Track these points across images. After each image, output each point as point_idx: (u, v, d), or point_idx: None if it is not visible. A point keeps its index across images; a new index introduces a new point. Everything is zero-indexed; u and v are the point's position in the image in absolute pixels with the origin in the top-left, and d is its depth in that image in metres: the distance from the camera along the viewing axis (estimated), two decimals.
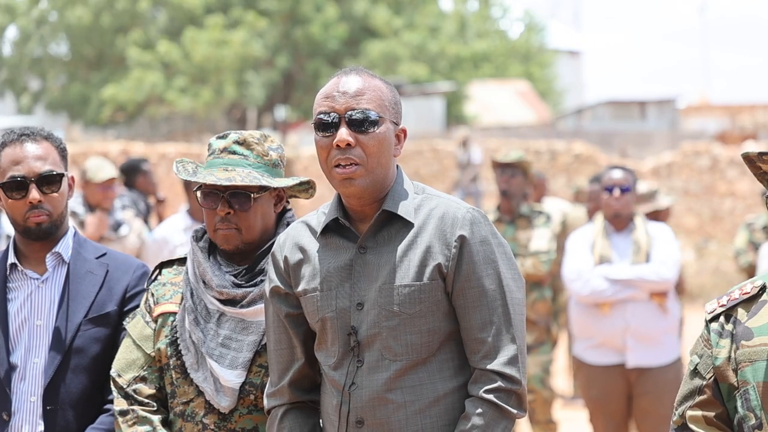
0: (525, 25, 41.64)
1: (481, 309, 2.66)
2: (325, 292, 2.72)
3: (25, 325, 3.31)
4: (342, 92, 2.70)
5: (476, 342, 2.66)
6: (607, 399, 6.04)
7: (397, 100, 2.76)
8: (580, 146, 18.54)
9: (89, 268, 3.37)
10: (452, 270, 2.66)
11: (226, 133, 3.15)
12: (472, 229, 2.67)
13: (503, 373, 2.64)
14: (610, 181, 6.09)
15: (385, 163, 2.69)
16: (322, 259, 2.74)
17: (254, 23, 28.89)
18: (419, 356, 2.66)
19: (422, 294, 2.65)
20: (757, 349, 2.48)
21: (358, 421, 2.67)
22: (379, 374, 2.66)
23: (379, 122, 2.68)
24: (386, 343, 2.65)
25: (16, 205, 3.30)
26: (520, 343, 2.68)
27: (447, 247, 2.66)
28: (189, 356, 3.06)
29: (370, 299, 2.67)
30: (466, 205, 2.72)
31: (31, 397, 3.27)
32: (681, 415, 2.58)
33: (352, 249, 2.72)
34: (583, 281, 5.98)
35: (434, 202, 2.73)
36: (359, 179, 2.67)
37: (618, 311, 5.93)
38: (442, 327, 2.67)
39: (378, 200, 2.72)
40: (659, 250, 5.97)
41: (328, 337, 2.72)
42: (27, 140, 3.31)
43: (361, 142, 2.67)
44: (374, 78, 2.74)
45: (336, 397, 2.70)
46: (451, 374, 2.68)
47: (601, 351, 6.02)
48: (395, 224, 2.71)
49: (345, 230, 2.75)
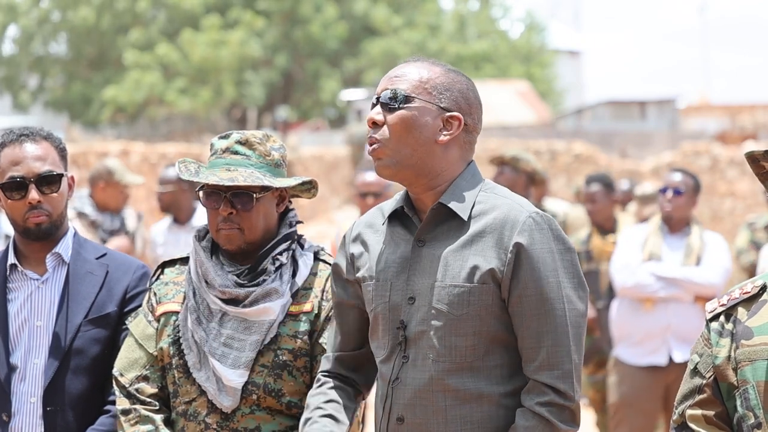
0: (525, 26, 41.63)
1: (538, 318, 2.57)
2: (381, 282, 2.67)
3: (25, 325, 3.31)
4: (387, 76, 2.69)
5: (531, 351, 2.57)
6: (638, 396, 6.01)
7: (457, 87, 2.66)
8: (580, 146, 18.53)
9: (89, 269, 3.36)
10: (508, 276, 2.57)
11: (228, 133, 3.15)
12: (532, 235, 2.57)
13: (556, 387, 2.56)
14: (665, 182, 6.09)
15: (415, 144, 2.61)
16: (383, 249, 2.70)
17: (252, 23, 28.89)
18: (463, 360, 2.58)
19: (471, 296, 2.58)
20: (756, 349, 2.48)
21: (399, 418, 2.63)
22: (422, 373, 2.60)
23: (407, 101, 2.61)
24: (431, 342, 2.59)
25: (15, 206, 3.29)
26: (576, 356, 2.59)
27: (503, 251, 2.57)
28: (191, 356, 3.06)
29: (421, 295, 2.61)
30: (530, 209, 2.61)
31: (31, 398, 3.26)
32: (681, 414, 2.59)
33: (411, 241, 2.66)
34: (628, 272, 5.96)
35: (498, 203, 2.63)
36: (384, 159, 2.62)
37: (660, 309, 5.91)
38: (490, 332, 2.59)
39: (433, 189, 2.65)
40: (711, 255, 5.95)
41: (379, 329, 2.69)
42: (26, 140, 3.30)
43: (386, 120, 2.63)
44: (432, 65, 2.68)
45: (382, 390, 2.67)
46: (499, 381, 2.61)
47: (640, 350, 5.98)
48: (455, 220, 2.63)
49: (408, 221, 2.69)
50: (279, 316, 3.05)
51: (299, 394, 3.06)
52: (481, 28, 36.56)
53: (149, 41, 29.37)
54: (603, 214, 7.28)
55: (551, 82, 41.41)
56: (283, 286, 3.07)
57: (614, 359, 6.22)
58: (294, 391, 3.05)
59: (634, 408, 6.05)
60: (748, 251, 8.10)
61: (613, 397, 6.19)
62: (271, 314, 3.04)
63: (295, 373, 3.05)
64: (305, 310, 3.08)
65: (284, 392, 3.04)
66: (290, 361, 3.04)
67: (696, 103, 39.52)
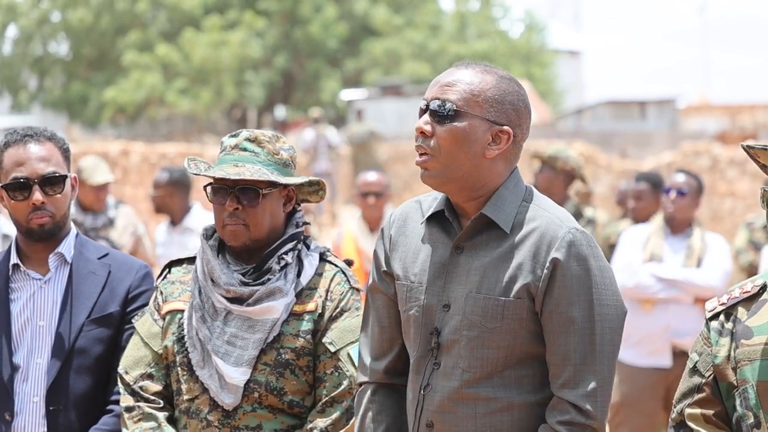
0: (525, 26, 41.59)
1: (566, 336, 2.55)
2: (416, 284, 2.65)
3: (28, 325, 3.31)
4: (438, 81, 2.62)
5: (557, 368, 2.56)
6: (639, 397, 6.00)
7: (508, 99, 2.60)
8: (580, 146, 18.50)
9: (91, 269, 3.37)
10: (542, 292, 2.55)
11: (238, 131, 3.17)
12: (569, 251, 2.54)
13: (579, 406, 2.53)
14: (669, 183, 6.10)
15: (464, 159, 2.57)
16: (421, 249, 2.67)
17: (252, 23, 28.88)
18: (494, 369, 2.57)
19: (506, 311, 2.56)
20: (756, 348, 2.48)
21: (428, 424, 2.62)
22: (452, 381, 2.59)
23: (458, 116, 2.57)
24: (463, 352, 2.58)
25: (18, 206, 3.29)
26: (603, 375, 2.56)
27: (540, 267, 2.55)
28: (195, 353, 3.07)
29: (457, 303, 2.59)
30: (570, 225, 2.58)
31: (34, 397, 3.27)
32: (680, 413, 2.59)
33: (449, 245, 2.63)
34: (629, 273, 5.96)
35: (538, 215, 2.60)
36: (431, 170, 2.59)
37: (660, 310, 5.91)
38: (523, 345, 2.58)
39: (477, 199, 2.62)
40: (712, 257, 5.95)
41: (411, 331, 2.67)
42: (30, 141, 3.30)
43: (436, 132, 2.58)
44: (485, 73, 2.61)
45: (413, 395, 2.66)
46: (531, 390, 2.59)
47: (639, 351, 5.99)
48: (494, 230, 2.60)
49: (448, 224, 2.66)
50: (282, 315, 3.06)
51: (301, 393, 3.07)
52: (481, 28, 36.53)
53: (148, 42, 29.36)
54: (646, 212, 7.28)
55: (551, 82, 41.36)
56: (287, 286, 3.07)
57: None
58: (296, 390, 3.06)
59: (635, 408, 6.05)
60: (746, 251, 8.09)
61: (614, 398, 6.18)
62: (275, 313, 3.05)
63: (298, 372, 3.05)
64: (309, 309, 3.09)
65: (286, 391, 3.05)
66: (293, 360, 3.05)
67: (696, 103, 39.47)
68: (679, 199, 6.02)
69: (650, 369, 5.98)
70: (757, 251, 7.92)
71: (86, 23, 29.83)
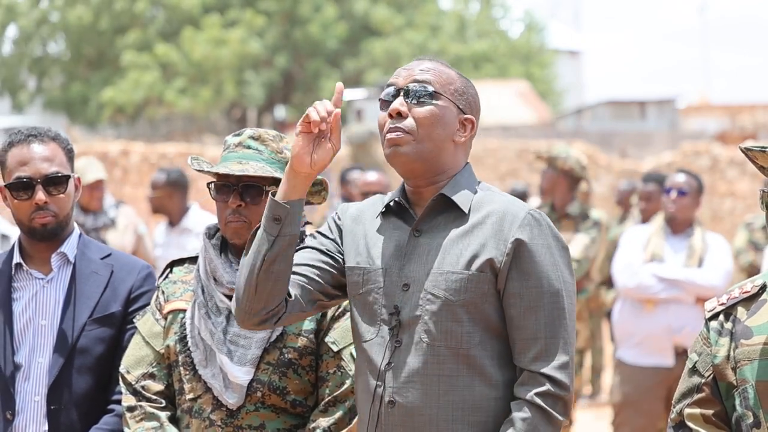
0: (525, 25, 41.59)
1: (537, 310, 2.61)
2: (373, 268, 2.71)
3: (30, 324, 3.31)
4: (408, 68, 2.73)
5: (528, 342, 2.61)
6: (640, 397, 6.00)
7: (470, 92, 2.75)
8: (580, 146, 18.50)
9: (94, 269, 3.37)
10: (506, 268, 2.62)
11: (242, 130, 3.18)
12: (532, 231, 2.63)
13: (554, 378, 2.59)
14: (670, 183, 6.10)
15: (438, 140, 2.67)
16: (377, 237, 2.74)
17: (251, 21, 28.86)
18: (459, 345, 2.62)
19: (469, 283, 2.62)
20: (756, 348, 2.49)
21: (390, 401, 2.65)
22: (416, 357, 2.63)
23: (435, 97, 2.68)
24: (426, 326, 2.62)
25: (22, 206, 3.30)
26: (571, 349, 2.63)
27: (503, 243, 2.62)
28: (198, 353, 3.08)
29: (416, 281, 2.65)
30: (527, 207, 2.68)
31: (36, 396, 3.27)
32: (679, 413, 2.60)
33: (407, 231, 2.71)
34: (630, 273, 5.97)
35: (495, 199, 2.70)
36: (405, 146, 2.66)
37: (661, 310, 5.91)
38: (485, 320, 2.63)
39: (435, 184, 2.71)
40: (713, 257, 5.95)
41: (367, 313, 2.71)
42: (34, 141, 3.31)
43: (413, 112, 2.67)
44: (448, 67, 2.75)
45: (371, 376, 2.68)
46: (492, 370, 2.64)
47: (641, 351, 5.98)
48: (452, 212, 2.69)
49: (404, 212, 2.74)
50: None
51: (304, 393, 3.07)
52: (481, 28, 36.52)
53: (148, 42, 29.33)
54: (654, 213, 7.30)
55: (551, 82, 41.36)
56: None
57: (616, 360, 6.23)
58: (299, 390, 3.06)
59: (637, 408, 6.05)
60: (746, 251, 8.10)
61: (616, 398, 6.19)
62: None
63: (300, 371, 3.06)
64: None
65: (289, 390, 3.05)
66: (296, 359, 3.05)
67: (696, 103, 39.47)
68: (680, 198, 6.02)
69: (652, 369, 5.98)
70: (756, 251, 7.92)
71: (85, 23, 29.81)
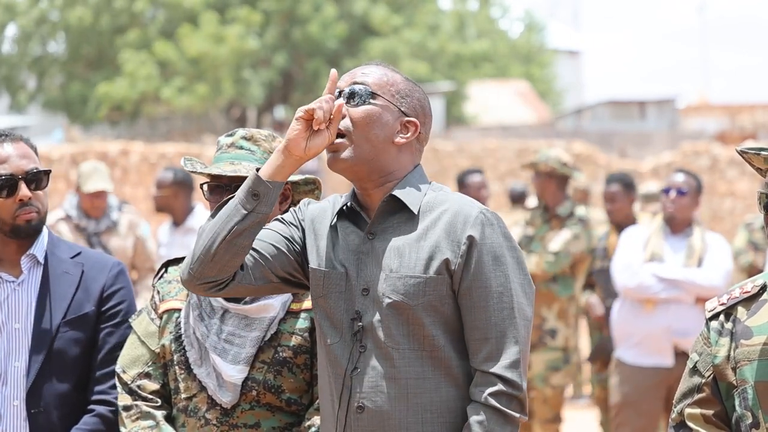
0: (525, 25, 41.64)
1: (486, 309, 2.63)
2: (332, 273, 2.72)
3: (4, 329, 3.28)
4: (350, 72, 2.76)
5: (479, 342, 2.63)
6: (639, 397, 6.00)
7: (415, 96, 2.76)
8: (580, 146, 18.52)
9: (65, 269, 3.34)
10: (460, 268, 2.63)
11: (234, 130, 3.19)
12: (484, 230, 2.64)
13: (504, 377, 2.61)
14: (668, 183, 6.10)
15: (375, 140, 2.69)
16: (334, 241, 2.74)
17: (249, 18, 28.86)
18: (422, 348, 2.64)
19: (427, 287, 2.63)
20: (756, 348, 2.49)
21: (358, 406, 2.66)
22: (382, 361, 2.64)
23: (373, 97, 2.69)
24: (389, 331, 2.64)
25: (4, 204, 3.26)
26: (522, 347, 2.65)
27: (456, 244, 2.63)
28: (193, 352, 3.08)
29: (375, 286, 2.66)
30: (480, 206, 2.69)
31: (14, 401, 3.25)
32: (679, 413, 2.59)
33: (361, 234, 2.72)
34: (630, 273, 5.97)
35: (447, 199, 2.71)
36: (343, 151, 2.68)
37: (661, 311, 5.91)
38: (445, 322, 2.65)
39: (382, 186, 2.71)
40: (712, 256, 5.95)
41: (329, 318, 2.72)
42: (6, 140, 3.29)
43: (349, 113, 2.69)
44: (394, 72, 2.76)
45: (336, 380, 2.69)
46: (458, 372, 2.65)
47: (640, 351, 5.99)
48: (404, 214, 2.70)
49: (357, 216, 2.75)
50: (280, 312, 3.07)
51: (299, 391, 3.07)
52: (480, 27, 36.54)
53: (147, 41, 29.32)
54: (622, 213, 7.31)
55: (551, 82, 41.41)
56: None
57: (616, 360, 6.22)
58: (294, 388, 3.06)
59: (636, 409, 6.05)
60: (746, 252, 8.09)
61: (615, 398, 6.19)
62: (272, 311, 3.06)
63: (295, 369, 3.06)
64: (306, 307, 3.09)
65: (284, 389, 3.05)
66: (290, 358, 3.05)
67: (695, 103, 39.51)
68: (679, 198, 6.02)
69: (652, 369, 5.98)
70: (756, 251, 7.91)
71: (85, 22, 29.82)
